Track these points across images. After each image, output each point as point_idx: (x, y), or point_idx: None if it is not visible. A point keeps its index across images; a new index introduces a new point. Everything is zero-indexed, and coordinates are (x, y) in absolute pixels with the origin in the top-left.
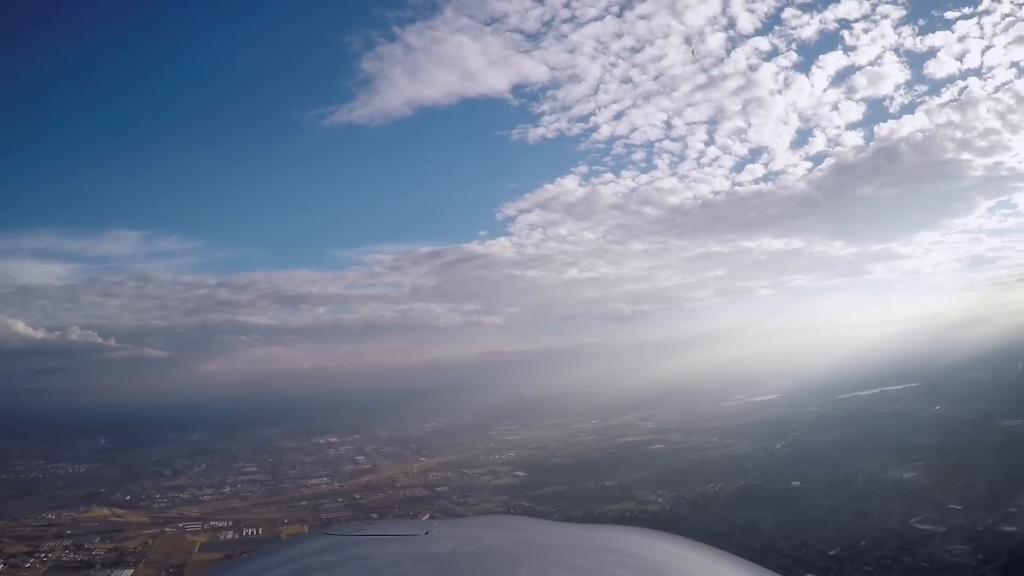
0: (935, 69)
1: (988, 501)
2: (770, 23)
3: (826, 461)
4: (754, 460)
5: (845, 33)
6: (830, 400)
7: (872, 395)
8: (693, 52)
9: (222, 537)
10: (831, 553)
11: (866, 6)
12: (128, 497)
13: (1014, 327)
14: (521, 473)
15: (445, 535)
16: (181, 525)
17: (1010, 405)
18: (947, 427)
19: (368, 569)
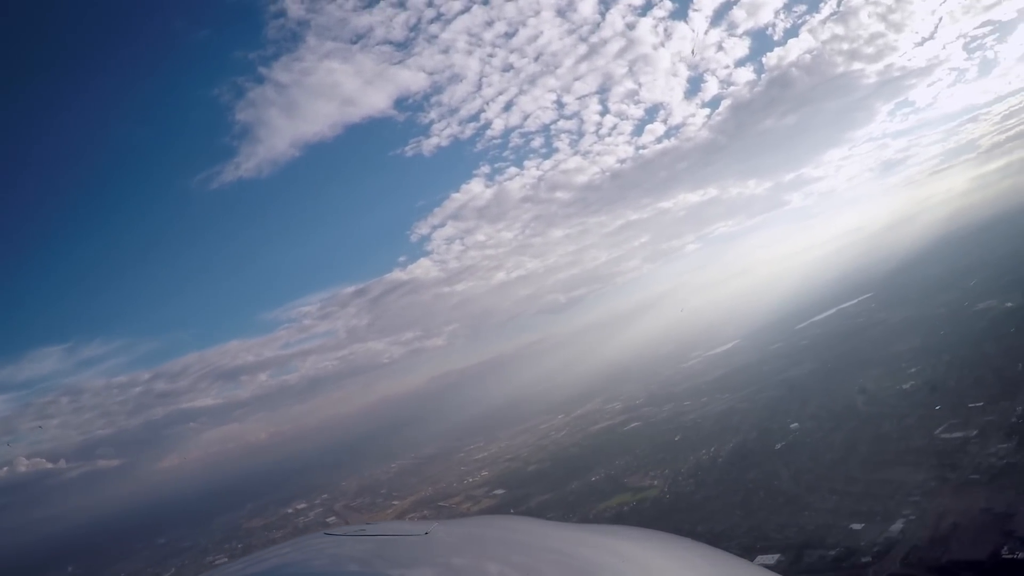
0: None
1: (1006, 389)
2: None
3: (815, 394)
4: (739, 412)
5: None
6: (790, 332)
7: (830, 317)
8: (693, 52)
9: None
10: (866, 492)
11: None
12: None
13: (943, 217)
14: (500, 491)
15: (445, 535)
16: None
17: (975, 288)
18: (924, 326)
19: (368, 569)
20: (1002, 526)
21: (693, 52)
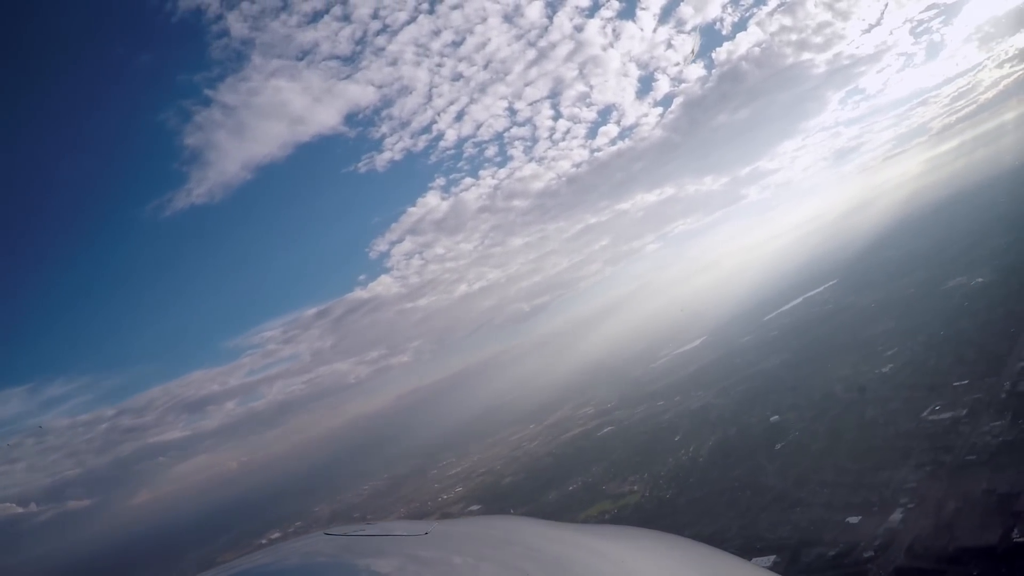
0: None
1: (991, 366)
2: None
3: (792, 385)
4: (715, 408)
5: None
6: (758, 324)
7: (797, 306)
8: (693, 51)
9: None
10: (858, 483)
11: None
12: None
13: (901, 200)
14: (476, 507)
15: (445, 535)
16: None
17: (943, 266)
18: (895, 308)
19: (368, 569)
20: (1008, 507)
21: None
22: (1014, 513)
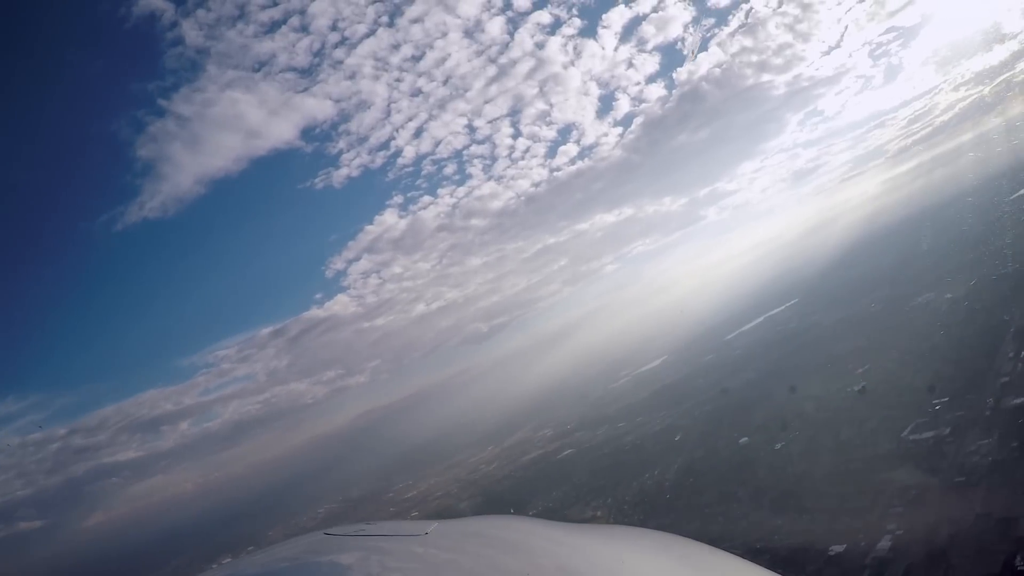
0: None
1: (971, 382)
2: None
3: (760, 404)
4: (680, 430)
5: None
6: (720, 343)
7: (759, 324)
8: (693, 53)
9: None
10: (839, 508)
11: None
12: None
13: (859, 220)
14: None
15: (445, 535)
16: None
17: (910, 283)
18: (863, 326)
19: (368, 569)
20: (1008, 532)
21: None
22: (1015, 539)
